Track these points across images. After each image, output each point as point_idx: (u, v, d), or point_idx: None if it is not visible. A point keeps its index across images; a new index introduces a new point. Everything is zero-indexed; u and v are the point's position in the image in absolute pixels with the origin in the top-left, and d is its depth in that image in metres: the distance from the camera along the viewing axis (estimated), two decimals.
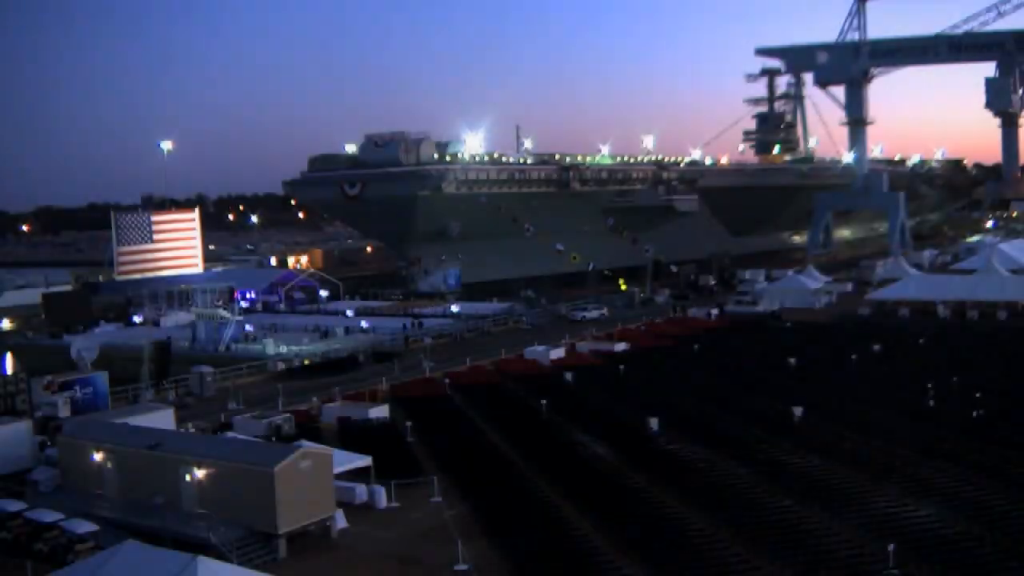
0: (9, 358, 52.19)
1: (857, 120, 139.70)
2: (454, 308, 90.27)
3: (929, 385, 43.44)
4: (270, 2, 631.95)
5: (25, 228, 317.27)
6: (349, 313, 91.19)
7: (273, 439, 42.51)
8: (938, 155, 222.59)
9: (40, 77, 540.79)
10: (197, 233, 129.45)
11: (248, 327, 79.53)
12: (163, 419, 43.58)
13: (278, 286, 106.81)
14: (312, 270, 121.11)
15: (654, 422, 44.42)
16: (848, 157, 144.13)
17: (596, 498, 34.38)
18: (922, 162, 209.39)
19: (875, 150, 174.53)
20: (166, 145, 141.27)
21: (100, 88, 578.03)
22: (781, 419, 44.53)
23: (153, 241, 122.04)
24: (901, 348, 63.09)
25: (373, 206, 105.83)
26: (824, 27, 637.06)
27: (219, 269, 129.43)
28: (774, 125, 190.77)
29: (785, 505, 33.34)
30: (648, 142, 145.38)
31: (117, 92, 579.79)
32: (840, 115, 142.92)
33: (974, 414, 43.15)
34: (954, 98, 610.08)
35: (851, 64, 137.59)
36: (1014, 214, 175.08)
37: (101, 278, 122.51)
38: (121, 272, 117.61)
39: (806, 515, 32.21)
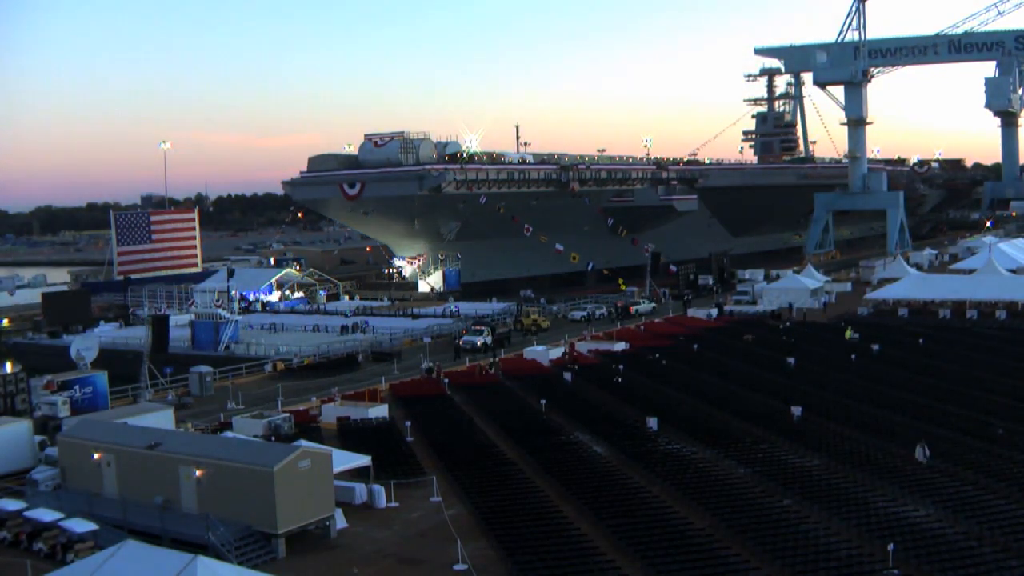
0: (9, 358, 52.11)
1: (856, 120, 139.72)
2: (453, 308, 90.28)
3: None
4: (270, 2, 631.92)
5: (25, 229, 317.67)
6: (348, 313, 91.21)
7: (272, 439, 42.50)
8: (936, 155, 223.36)
9: (39, 76, 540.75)
10: (196, 233, 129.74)
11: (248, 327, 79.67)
12: (163, 419, 43.63)
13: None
14: (311, 270, 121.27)
15: (653, 421, 44.46)
16: (847, 157, 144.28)
17: (595, 497, 34.36)
18: (922, 162, 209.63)
19: (874, 150, 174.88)
20: (166, 145, 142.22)
21: (100, 88, 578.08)
22: (781, 419, 44.54)
23: (152, 241, 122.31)
24: (901, 348, 63.12)
25: (372, 206, 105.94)
26: (823, 27, 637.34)
27: (220, 268, 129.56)
28: (773, 125, 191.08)
29: (785, 505, 33.36)
30: (647, 142, 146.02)
31: (117, 92, 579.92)
32: (840, 115, 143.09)
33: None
34: (954, 98, 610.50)
35: (850, 64, 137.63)
36: (1014, 214, 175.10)
37: (102, 278, 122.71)
38: (121, 272, 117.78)
39: (806, 515, 32.21)
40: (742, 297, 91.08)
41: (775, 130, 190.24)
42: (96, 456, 35.57)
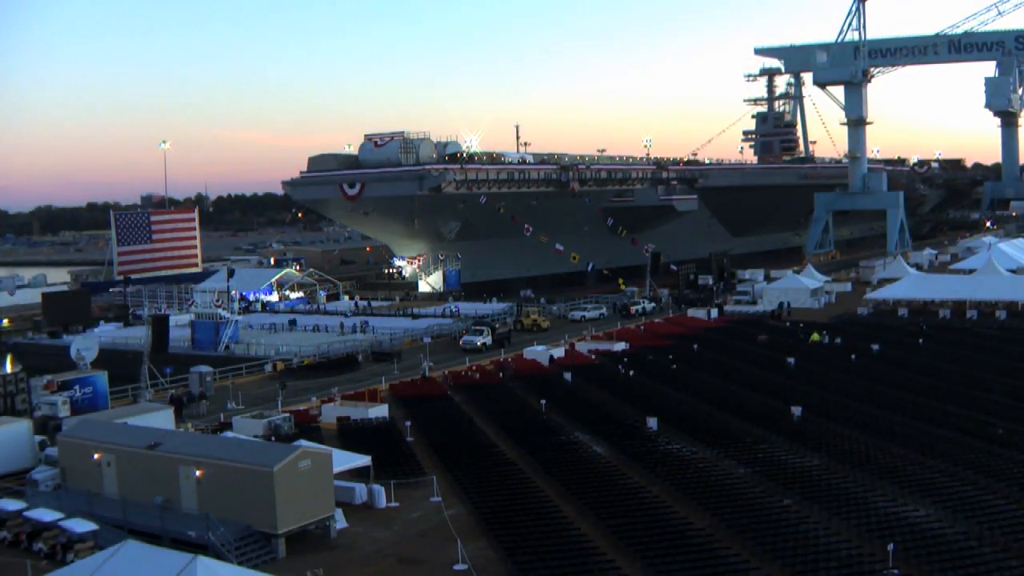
0: (9, 358, 52.09)
1: (856, 120, 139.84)
2: (453, 308, 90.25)
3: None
4: (270, 1, 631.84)
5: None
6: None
7: (272, 439, 42.50)
8: (936, 155, 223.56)
9: (40, 76, 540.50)
10: (196, 233, 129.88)
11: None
12: (162, 419, 43.64)
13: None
14: (311, 269, 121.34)
15: (653, 421, 44.45)
16: (847, 157, 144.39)
17: (595, 497, 34.36)
18: (922, 162, 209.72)
19: (874, 150, 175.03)
20: (166, 145, 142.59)
21: (100, 88, 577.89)
22: (781, 419, 44.54)
23: (152, 241, 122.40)
24: (901, 348, 63.11)
25: (372, 206, 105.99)
26: (823, 27, 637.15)
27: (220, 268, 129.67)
28: (773, 125, 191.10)
29: (785, 505, 33.35)
30: (647, 142, 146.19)
31: (117, 92, 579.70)
32: (840, 115, 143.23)
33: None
34: (954, 98, 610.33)
35: (850, 64, 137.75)
36: (1014, 214, 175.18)
37: (102, 278, 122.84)
38: (121, 272, 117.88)
39: (806, 515, 32.21)
40: (742, 297, 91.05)
41: (775, 130, 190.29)
42: (96, 456, 35.56)
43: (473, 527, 32.79)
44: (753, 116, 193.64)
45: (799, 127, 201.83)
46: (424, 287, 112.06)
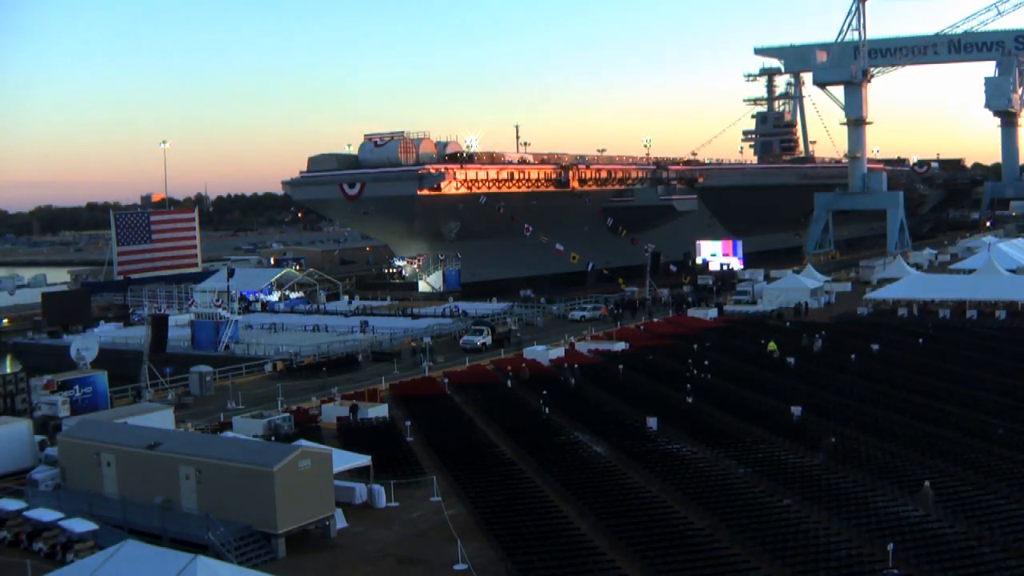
0: (9, 358, 52.09)
1: (856, 120, 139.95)
2: (453, 307, 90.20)
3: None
4: (270, 2, 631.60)
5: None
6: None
7: (272, 439, 42.49)
8: (936, 155, 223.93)
9: (39, 76, 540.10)
10: (196, 233, 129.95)
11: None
12: (163, 419, 43.66)
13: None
14: (311, 269, 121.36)
15: (653, 421, 44.45)
16: (847, 157, 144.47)
17: (595, 497, 34.34)
18: (921, 162, 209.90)
19: (874, 150, 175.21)
20: (166, 145, 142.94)
21: (100, 88, 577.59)
22: (781, 419, 44.54)
23: (152, 241, 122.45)
24: (900, 348, 63.10)
25: (372, 206, 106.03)
26: (823, 27, 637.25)
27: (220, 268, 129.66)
28: (773, 125, 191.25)
29: (785, 505, 33.35)
30: (647, 142, 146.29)
31: (117, 92, 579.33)
32: (840, 115, 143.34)
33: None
34: (954, 98, 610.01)
35: (850, 64, 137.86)
36: (1014, 214, 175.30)
37: (102, 278, 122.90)
38: (121, 272, 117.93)
39: (806, 515, 32.21)
40: (742, 297, 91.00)
41: (775, 130, 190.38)
42: (96, 456, 35.55)
43: (473, 527, 32.78)
44: (753, 116, 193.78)
45: (799, 127, 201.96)
46: (424, 287, 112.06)
